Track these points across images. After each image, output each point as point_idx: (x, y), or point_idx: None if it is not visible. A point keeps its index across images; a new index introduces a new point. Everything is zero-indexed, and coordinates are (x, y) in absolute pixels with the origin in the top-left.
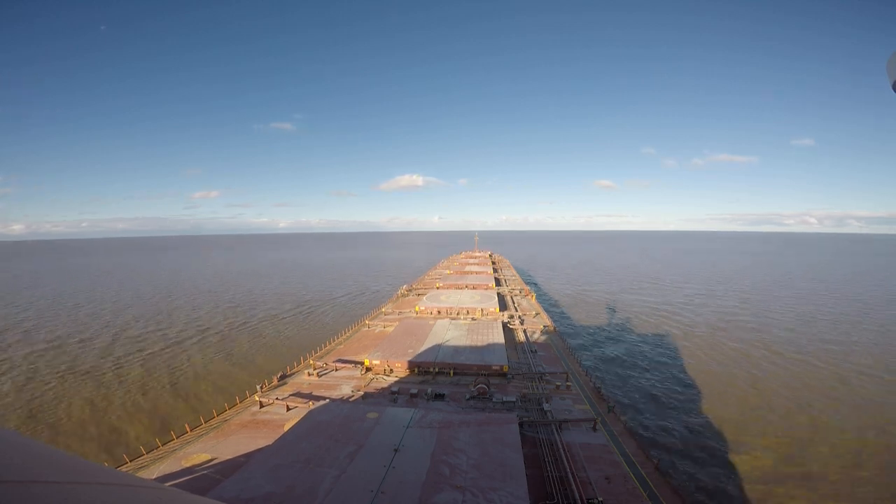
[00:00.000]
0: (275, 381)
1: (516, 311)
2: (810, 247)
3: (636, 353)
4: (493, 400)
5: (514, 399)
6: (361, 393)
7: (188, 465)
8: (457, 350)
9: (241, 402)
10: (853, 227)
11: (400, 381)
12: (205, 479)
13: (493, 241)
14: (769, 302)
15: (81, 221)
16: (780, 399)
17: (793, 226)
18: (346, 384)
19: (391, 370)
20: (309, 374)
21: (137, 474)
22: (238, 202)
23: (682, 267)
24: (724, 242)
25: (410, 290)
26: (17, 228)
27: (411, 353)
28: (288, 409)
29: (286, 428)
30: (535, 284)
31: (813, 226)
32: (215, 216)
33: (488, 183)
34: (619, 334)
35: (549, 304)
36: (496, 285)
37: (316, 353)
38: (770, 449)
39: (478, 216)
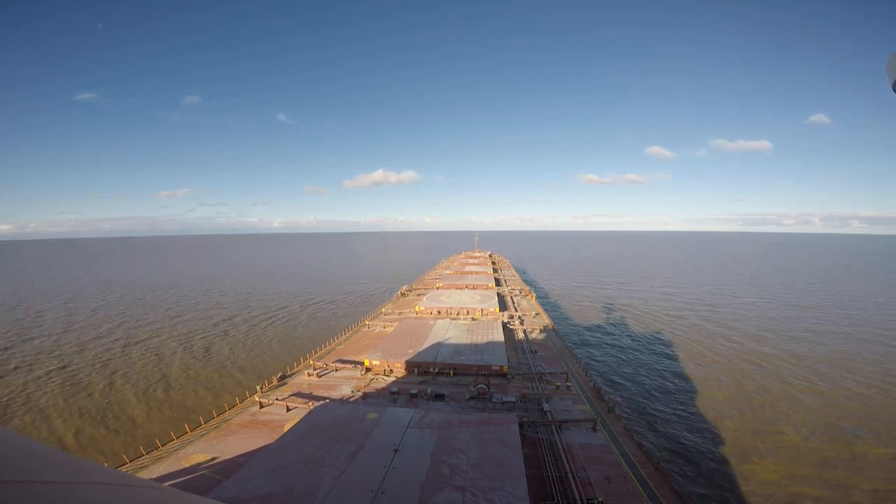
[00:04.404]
0: (275, 382)
1: (516, 311)
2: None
3: (637, 353)
4: (493, 400)
5: (514, 399)
6: (361, 393)
7: (188, 465)
8: (457, 350)
9: (240, 402)
10: (855, 228)
11: (400, 382)
12: (205, 479)
13: (492, 241)
14: (775, 305)
15: (67, 220)
16: (783, 400)
17: (793, 226)
18: (345, 384)
19: (391, 370)
20: (309, 375)
21: (137, 474)
22: (215, 201)
23: (685, 268)
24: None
25: (410, 291)
26: (4, 228)
27: (411, 354)
28: (288, 409)
29: (286, 428)
30: (535, 284)
31: (816, 226)
32: (206, 217)
33: (485, 182)
34: (619, 335)
35: (549, 304)
36: (496, 285)
37: (316, 353)
38: (771, 449)
39: (473, 216)
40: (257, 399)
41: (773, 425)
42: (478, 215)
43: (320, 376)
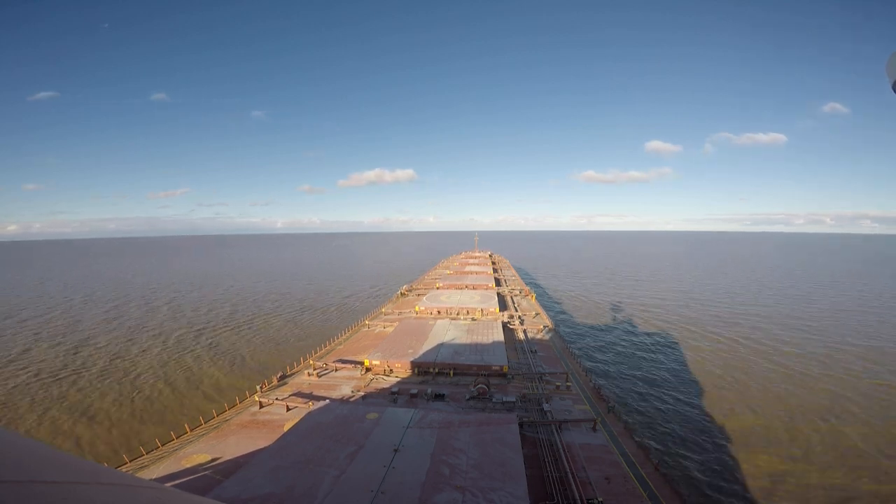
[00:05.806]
0: (275, 382)
1: (516, 311)
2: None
3: (636, 353)
4: (493, 400)
5: (514, 399)
6: (361, 393)
7: (188, 465)
8: (457, 350)
9: (240, 402)
10: (866, 228)
11: (400, 382)
12: (205, 480)
13: (492, 242)
14: (777, 304)
15: (71, 221)
16: (784, 400)
17: (803, 226)
18: (345, 384)
19: (391, 370)
20: (309, 375)
21: (137, 474)
22: (214, 201)
23: (685, 267)
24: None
25: (410, 290)
26: (12, 229)
27: (411, 354)
28: (288, 409)
29: (286, 428)
30: (535, 285)
31: (827, 225)
32: (208, 217)
33: (485, 182)
34: (619, 335)
35: (549, 304)
36: (496, 285)
37: (316, 353)
38: (772, 449)
39: (475, 216)
40: (257, 399)
41: (775, 424)
42: (479, 215)
43: (320, 376)
